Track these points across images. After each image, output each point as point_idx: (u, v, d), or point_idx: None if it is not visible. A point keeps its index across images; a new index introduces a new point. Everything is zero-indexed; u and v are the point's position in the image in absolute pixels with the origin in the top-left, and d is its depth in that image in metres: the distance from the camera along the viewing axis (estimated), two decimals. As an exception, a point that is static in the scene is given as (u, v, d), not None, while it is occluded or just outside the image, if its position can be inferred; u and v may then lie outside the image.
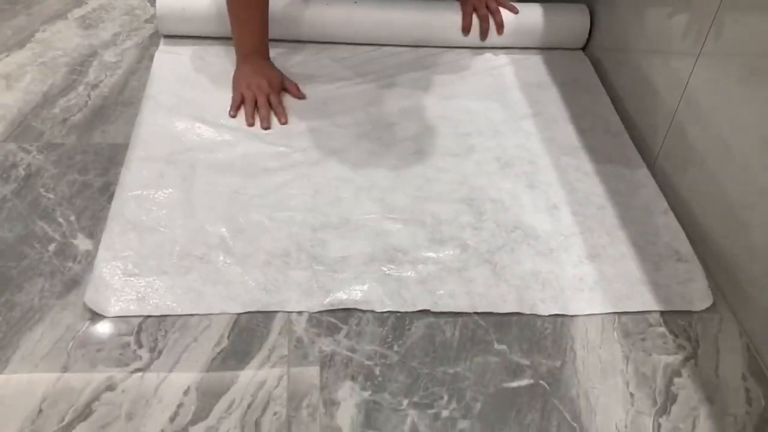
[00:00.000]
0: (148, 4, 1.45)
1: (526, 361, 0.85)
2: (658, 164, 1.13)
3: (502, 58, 1.37)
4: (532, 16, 1.38)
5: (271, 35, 1.24)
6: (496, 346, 0.86)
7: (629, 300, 0.93)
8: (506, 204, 1.05)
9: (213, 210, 1.00)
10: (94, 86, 1.22)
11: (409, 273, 0.93)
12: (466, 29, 1.35)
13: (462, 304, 0.90)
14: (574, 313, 0.90)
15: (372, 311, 0.89)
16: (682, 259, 0.98)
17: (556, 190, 1.08)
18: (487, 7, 1.35)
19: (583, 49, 1.42)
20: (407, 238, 0.98)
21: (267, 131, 1.14)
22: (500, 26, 1.35)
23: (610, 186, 1.10)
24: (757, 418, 0.82)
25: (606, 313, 0.91)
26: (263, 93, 1.18)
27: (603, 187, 1.09)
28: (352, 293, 0.90)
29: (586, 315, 0.90)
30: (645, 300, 0.93)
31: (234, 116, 1.17)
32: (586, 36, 1.40)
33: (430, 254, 0.96)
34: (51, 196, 1.02)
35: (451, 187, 1.07)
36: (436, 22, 1.36)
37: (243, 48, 1.21)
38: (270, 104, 1.18)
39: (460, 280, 0.93)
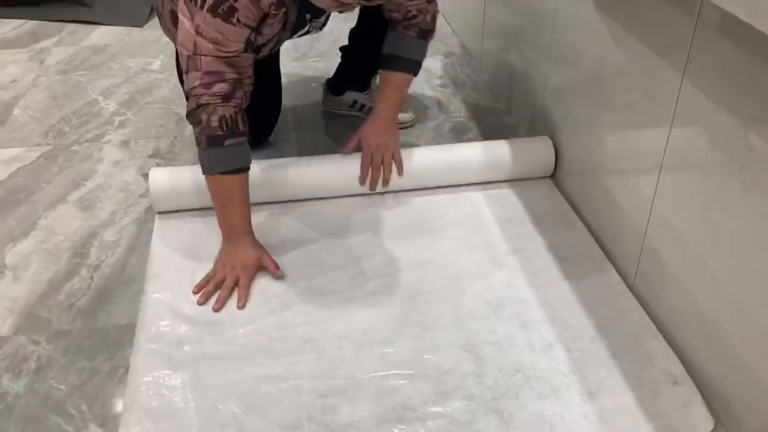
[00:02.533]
0: (142, 179, 1.53)
1: None
2: (636, 287, 1.19)
3: (477, 195, 1.46)
4: (500, 151, 1.47)
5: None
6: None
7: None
8: (503, 347, 1.09)
9: (223, 387, 1.03)
10: (96, 267, 1.28)
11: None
12: (362, 179, 1.42)
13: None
14: (584, 455, 0.93)
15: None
16: (678, 382, 1.02)
17: (548, 327, 1.13)
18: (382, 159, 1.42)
19: (551, 176, 1.52)
20: (414, 394, 1.01)
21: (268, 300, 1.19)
22: (386, 181, 1.42)
23: (599, 316, 1.15)
24: None
25: (615, 452, 0.94)
26: (233, 275, 1.21)
27: (592, 318, 1.14)
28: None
29: (595, 456, 0.93)
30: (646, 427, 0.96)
31: (201, 301, 1.18)
32: (553, 165, 1.49)
33: (438, 409, 0.99)
34: (62, 387, 1.05)
35: (449, 334, 1.12)
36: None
37: (225, 226, 1.26)
38: (236, 286, 1.21)
39: (470, 432, 0.96)
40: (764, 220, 0.87)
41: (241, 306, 1.18)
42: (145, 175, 1.53)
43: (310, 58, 2.10)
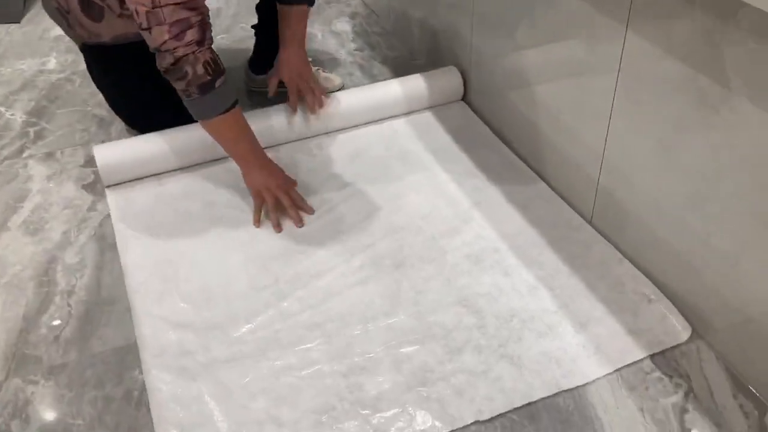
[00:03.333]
0: (85, 191, 1.46)
1: (569, 441, 0.97)
2: (594, 223, 1.31)
3: (403, 125, 1.62)
4: (416, 83, 1.64)
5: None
6: (541, 435, 0.98)
7: (625, 354, 1.08)
8: (494, 296, 1.18)
9: (246, 387, 1.05)
10: (70, 293, 1.23)
11: (444, 390, 1.03)
12: (293, 107, 1.53)
13: (500, 405, 1.01)
14: (593, 378, 1.04)
15: (430, 438, 0.98)
16: (652, 300, 1.15)
17: (526, 271, 1.22)
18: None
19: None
20: (428, 356, 1.08)
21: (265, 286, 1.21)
22: (320, 104, 1.54)
23: (567, 252, 1.26)
24: (756, 428, 0.98)
25: (610, 373, 1.05)
26: (283, 190, 1.34)
27: (562, 254, 1.25)
28: (406, 429, 0.99)
29: (597, 380, 1.04)
30: (636, 350, 1.08)
31: (257, 226, 1.33)
32: (462, 90, 1.68)
33: (454, 365, 1.07)
34: (80, 422, 1.03)
35: (442, 294, 1.19)
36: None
37: (245, 156, 1.35)
38: (292, 200, 1.34)
39: (489, 381, 1.04)
40: (718, 152, 0.98)
41: (302, 225, 1.33)
42: (87, 186, 1.47)
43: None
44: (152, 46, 1.23)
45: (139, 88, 1.52)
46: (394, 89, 1.63)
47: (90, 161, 1.54)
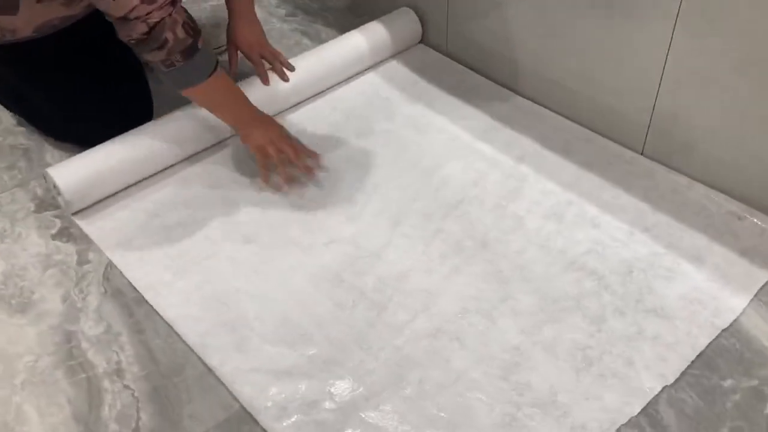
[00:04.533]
0: (60, 242, 1.16)
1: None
2: (647, 152, 1.27)
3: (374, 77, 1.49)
4: (375, 31, 1.50)
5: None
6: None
7: (751, 277, 1.06)
8: (599, 251, 1.11)
9: (408, 421, 0.90)
10: (119, 372, 0.97)
11: (614, 363, 0.96)
12: (264, 79, 1.36)
13: (677, 364, 0.96)
14: (741, 309, 1.02)
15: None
16: (742, 217, 1.14)
17: (612, 218, 1.16)
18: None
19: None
20: (575, 332, 1.00)
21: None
22: (285, 70, 1.39)
23: (635, 188, 1.21)
24: None
25: (751, 300, 1.03)
26: (285, 141, 1.23)
27: (632, 191, 1.20)
28: (605, 419, 0.90)
29: (744, 311, 1.02)
30: (758, 270, 1.07)
31: (265, 184, 1.23)
32: (421, 32, 1.56)
33: (606, 334, 0.99)
34: None
35: (547, 263, 1.09)
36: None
37: (239, 115, 1.24)
38: (295, 149, 1.24)
39: (650, 341, 0.98)
40: None
41: (313, 176, 1.25)
42: (59, 235, 1.17)
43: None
44: (117, 15, 1.04)
45: (75, 85, 1.28)
46: (357, 42, 1.48)
47: (42, 203, 1.23)
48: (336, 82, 1.47)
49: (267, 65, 1.38)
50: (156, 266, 1.11)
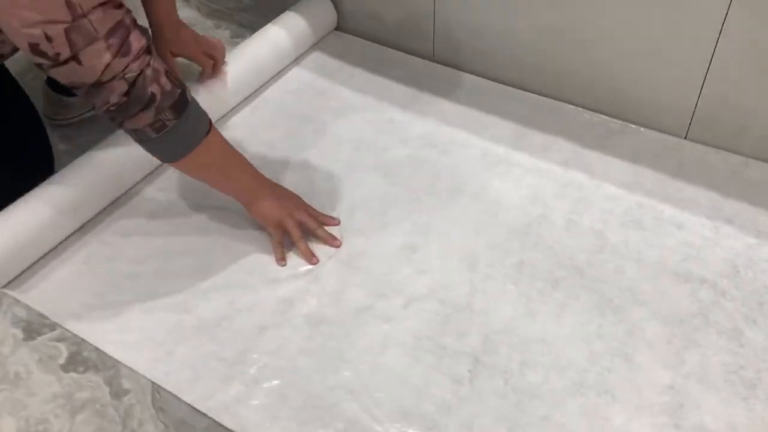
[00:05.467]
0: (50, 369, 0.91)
1: None
2: (692, 135, 1.21)
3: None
4: (292, 22, 1.40)
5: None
6: None
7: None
8: (694, 255, 1.03)
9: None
10: None
11: (771, 380, 0.89)
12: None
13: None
14: None
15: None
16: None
17: (690, 215, 1.09)
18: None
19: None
20: (718, 353, 0.91)
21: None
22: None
23: (694, 176, 1.14)
24: None
25: None
26: (303, 211, 1.06)
27: (692, 180, 1.14)
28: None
29: None
30: None
31: (284, 263, 1.04)
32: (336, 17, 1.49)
33: (751, 348, 0.92)
34: None
35: (650, 278, 1.00)
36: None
37: (247, 184, 1.04)
38: (315, 219, 1.07)
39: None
40: None
41: (339, 245, 1.06)
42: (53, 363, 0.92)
43: None
44: (89, 81, 0.82)
45: None
46: (278, 35, 1.38)
47: None
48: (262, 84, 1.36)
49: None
50: (177, 358, 0.91)
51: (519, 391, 0.89)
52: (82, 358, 0.94)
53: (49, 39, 0.78)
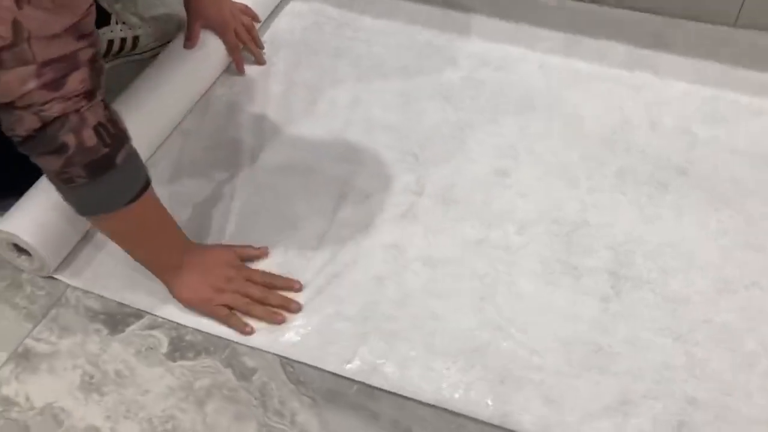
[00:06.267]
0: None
1: None
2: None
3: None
4: None
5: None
6: None
7: None
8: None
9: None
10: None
11: None
12: (240, 67, 1.15)
13: None
14: None
15: None
16: None
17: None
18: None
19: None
20: None
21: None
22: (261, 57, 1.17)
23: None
24: None
25: None
26: (243, 278, 0.85)
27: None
28: None
29: None
30: None
31: (250, 330, 0.83)
32: None
33: None
34: None
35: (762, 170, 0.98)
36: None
37: (168, 255, 0.85)
38: (263, 284, 0.86)
39: None
40: None
41: (299, 288, 0.86)
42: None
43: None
44: (2, 100, 0.67)
45: None
46: None
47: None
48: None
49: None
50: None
51: (669, 299, 0.85)
52: (186, 343, 0.83)
53: None
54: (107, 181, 0.74)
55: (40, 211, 0.85)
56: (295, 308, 0.85)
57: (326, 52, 1.19)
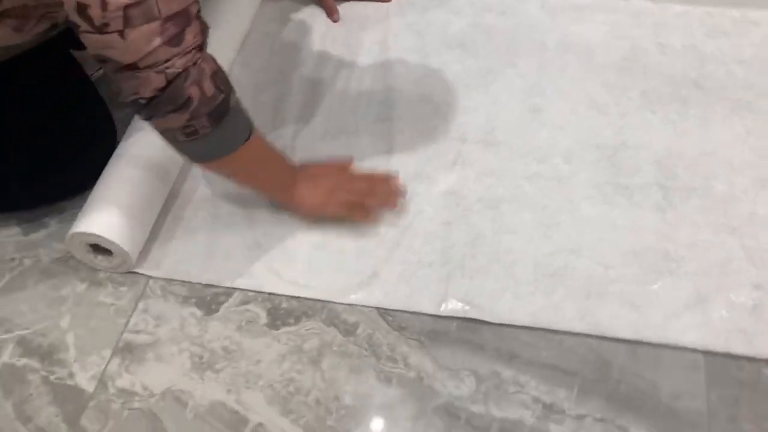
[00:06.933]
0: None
1: None
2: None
3: None
4: None
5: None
6: None
7: None
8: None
9: None
10: None
11: None
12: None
13: None
14: None
15: None
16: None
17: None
18: None
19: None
20: None
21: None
22: None
23: None
24: None
25: None
26: (353, 177, 0.94)
27: None
28: None
29: None
30: None
31: (374, 219, 0.93)
32: None
33: None
34: None
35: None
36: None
37: (285, 183, 0.91)
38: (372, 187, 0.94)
39: None
40: None
41: (397, 178, 0.95)
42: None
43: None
44: (125, 61, 0.68)
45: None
46: None
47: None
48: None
49: None
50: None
51: (717, 200, 0.92)
52: (283, 311, 0.86)
53: (104, 6, 0.64)
54: (226, 126, 0.77)
55: (113, 209, 0.86)
56: (401, 192, 0.94)
57: (327, 23, 1.21)
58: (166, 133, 0.76)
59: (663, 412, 0.76)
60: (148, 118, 0.74)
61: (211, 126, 0.75)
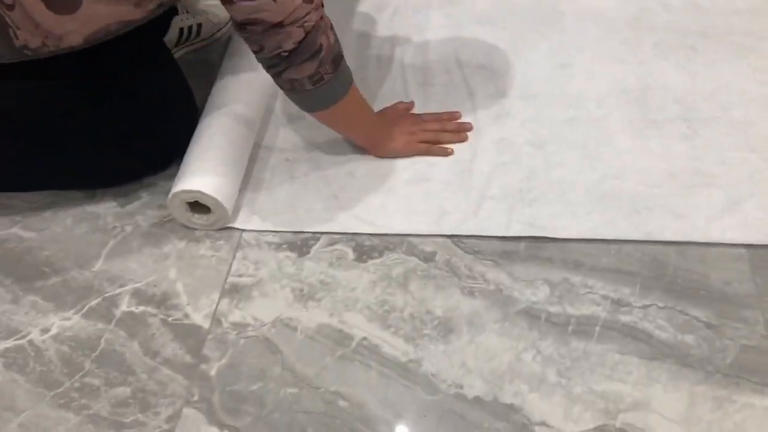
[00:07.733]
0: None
1: None
2: None
3: None
4: None
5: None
6: None
7: None
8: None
9: None
10: None
11: None
12: None
13: None
14: None
15: None
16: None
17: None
18: None
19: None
20: None
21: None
22: None
23: None
24: None
25: None
26: (423, 121, 1.07)
27: None
28: None
29: None
30: None
31: (452, 151, 1.06)
32: None
33: None
34: None
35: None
36: None
37: (376, 126, 1.06)
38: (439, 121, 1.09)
39: None
40: None
41: (460, 116, 1.10)
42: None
43: None
44: (274, 20, 0.81)
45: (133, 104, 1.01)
46: None
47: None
48: None
49: None
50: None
51: (737, 124, 1.05)
52: (367, 247, 0.96)
53: None
54: (341, 71, 0.91)
55: (209, 170, 0.96)
56: (468, 127, 1.08)
57: (365, 5, 1.33)
58: (293, 84, 0.87)
59: (717, 296, 0.87)
60: (282, 70, 0.86)
61: (332, 71, 0.88)
